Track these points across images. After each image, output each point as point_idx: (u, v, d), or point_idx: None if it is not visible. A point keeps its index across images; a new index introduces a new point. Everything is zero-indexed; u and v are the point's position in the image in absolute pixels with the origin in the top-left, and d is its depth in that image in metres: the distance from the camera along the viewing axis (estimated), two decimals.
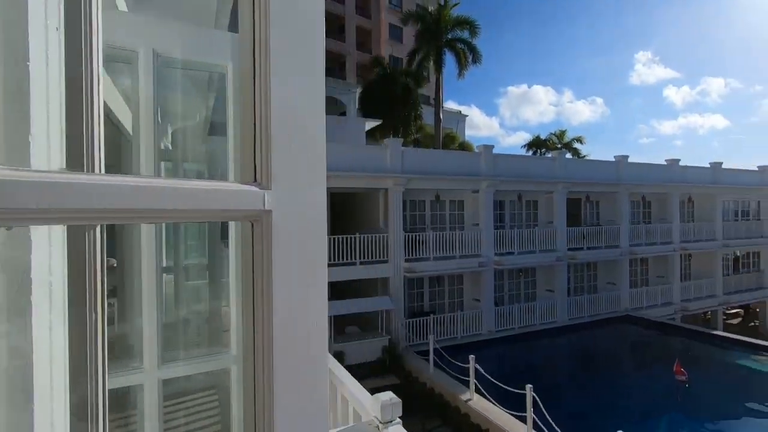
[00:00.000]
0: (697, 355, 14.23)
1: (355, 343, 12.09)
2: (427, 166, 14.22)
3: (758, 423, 9.52)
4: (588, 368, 13.64)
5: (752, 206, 22.63)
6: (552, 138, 30.92)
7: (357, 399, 1.34)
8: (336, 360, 1.69)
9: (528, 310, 15.64)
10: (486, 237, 14.79)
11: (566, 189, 16.55)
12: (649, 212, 20.39)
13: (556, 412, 9.58)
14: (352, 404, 1.36)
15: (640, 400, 10.90)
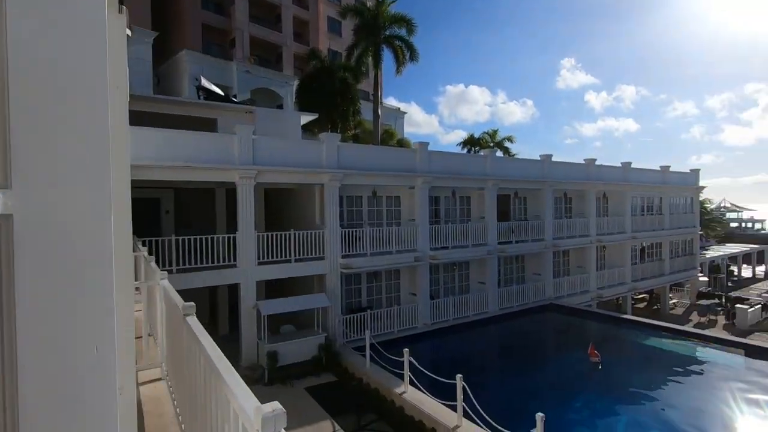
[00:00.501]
0: (609, 338, 15.65)
1: (290, 343, 11.80)
2: (364, 161, 14.20)
3: (660, 395, 10.65)
4: (516, 354, 14.46)
5: (655, 202, 25.27)
6: (485, 137, 32.29)
7: (245, 412, 1.23)
8: (231, 368, 1.56)
9: (462, 302, 16.23)
10: (422, 232, 15.10)
11: (497, 186, 17.36)
12: (571, 207, 22.02)
13: (486, 398, 10.04)
14: (241, 419, 1.25)
15: (561, 382, 11.75)
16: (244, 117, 15.49)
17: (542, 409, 6.83)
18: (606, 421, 9.34)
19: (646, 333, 15.42)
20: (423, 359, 12.77)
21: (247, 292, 12.01)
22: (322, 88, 21.89)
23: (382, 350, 11.01)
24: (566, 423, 8.95)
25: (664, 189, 25.28)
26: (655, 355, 13.93)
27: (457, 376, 7.93)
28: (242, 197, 11.97)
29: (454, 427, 7.91)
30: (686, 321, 22.95)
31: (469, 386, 7.97)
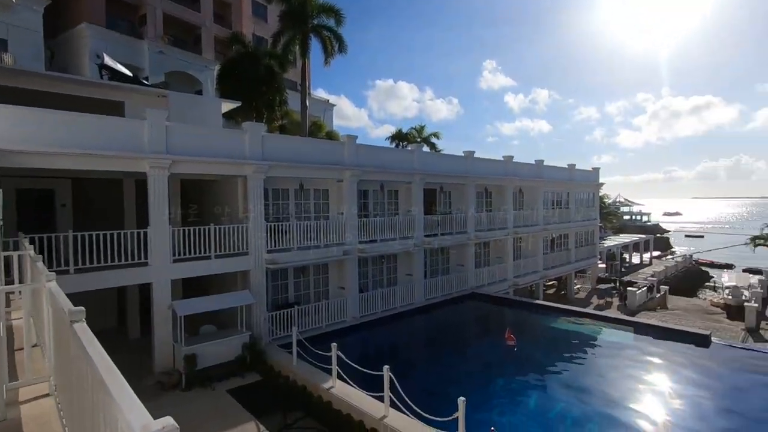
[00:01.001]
0: (524, 322, 16.91)
1: (211, 344, 11.12)
2: (290, 153, 13.76)
3: (567, 370, 11.73)
4: (441, 343, 15.04)
5: (563, 197, 27.74)
6: (413, 132, 33.02)
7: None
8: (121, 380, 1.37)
9: (390, 294, 16.51)
10: (350, 226, 15.04)
11: (423, 180, 17.85)
12: (491, 201, 23.35)
13: (413, 386, 10.30)
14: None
15: (482, 366, 12.47)
16: (157, 101, 14.21)
17: (465, 392, 7.15)
18: (521, 398, 10.08)
19: (555, 316, 16.90)
20: (352, 353, 12.76)
21: (161, 291, 11.09)
22: (245, 74, 20.79)
23: (309, 346, 10.81)
24: (487, 404, 9.50)
25: (570, 185, 27.82)
26: (562, 335, 15.32)
27: (384, 368, 8.03)
28: (154, 189, 10.98)
29: (381, 417, 8.01)
30: (588, 304, 25.60)
31: (396, 376, 8.12)
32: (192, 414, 9.21)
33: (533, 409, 9.53)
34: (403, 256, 17.98)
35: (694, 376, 11.29)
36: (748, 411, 9.39)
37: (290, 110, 25.66)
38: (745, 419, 9.01)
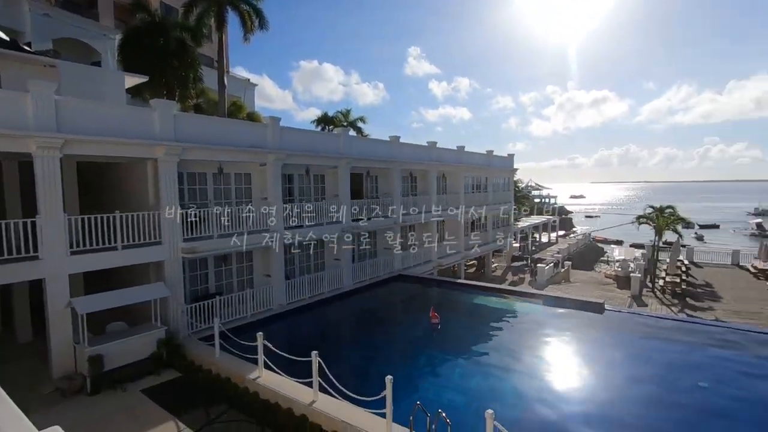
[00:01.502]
0: (447, 301, 17.80)
1: (120, 342, 10.18)
2: (207, 134, 12.84)
3: (486, 343, 12.61)
4: (369, 325, 15.32)
5: (482, 181, 29.38)
6: (339, 116, 32.61)
7: None
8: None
9: (318, 280, 16.37)
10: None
11: (350, 164, 17.76)
12: (416, 186, 23.99)
13: (343, 370, 10.36)
14: None
15: (408, 345, 12.93)
16: (43, 72, 12.40)
17: (393, 371, 7.37)
18: (445, 372, 10.65)
19: (475, 293, 18.01)
20: (280, 341, 12.48)
21: (57, 288, 9.86)
22: (154, 46, 18.84)
23: (233, 337, 10.38)
24: (413, 380, 9.90)
25: (489, 170, 29.52)
26: (481, 311, 16.39)
27: (313, 353, 7.98)
28: (43, 172, 9.63)
29: (310, 403, 7.98)
30: (504, 280, 27.66)
31: (327, 361, 8.11)
32: (97, 418, 8.43)
33: (456, 381, 10.13)
34: (330, 240, 17.84)
35: (591, 338, 12.79)
36: (632, 360, 10.89)
37: (206, 88, 23.89)
38: (629, 367, 10.44)
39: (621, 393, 9.34)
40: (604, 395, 9.25)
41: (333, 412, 7.60)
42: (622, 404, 8.84)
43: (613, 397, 9.15)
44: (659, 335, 13.09)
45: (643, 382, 9.85)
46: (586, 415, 8.41)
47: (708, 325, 14.70)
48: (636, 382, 9.87)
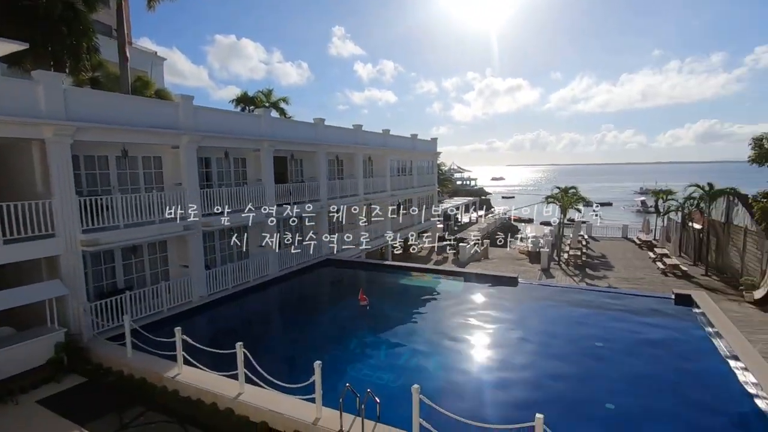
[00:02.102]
0: (375, 282, 18.11)
1: (6, 350, 8.94)
2: (107, 113, 11.47)
3: (413, 321, 13.08)
4: (297, 311, 15.09)
5: (407, 165, 30.02)
6: (260, 96, 30.97)
7: None
8: None
9: (241, 269, 15.70)
10: (191, 197, 13.57)
11: (272, 147, 17.07)
12: (342, 169, 23.82)
13: (272, 359, 10.17)
14: None
15: (338, 328, 12.98)
16: None
17: (322, 356, 7.37)
18: (374, 352, 10.89)
19: (402, 274, 18.54)
20: (202, 334, 11.91)
21: None
22: (36, 9, 16.24)
23: (147, 334, 9.62)
24: (343, 363, 9.98)
25: (414, 154, 30.20)
26: (408, 290, 16.94)
27: (237, 345, 7.68)
28: None
29: (236, 396, 7.71)
30: (429, 260, 28.77)
31: (254, 351, 7.86)
32: None
33: (385, 359, 10.41)
34: (254, 227, 17.16)
35: (506, 309, 13.86)
36: (542, 326, 12.03)
37: (105, 61, 21.26)
38: (540, 333, 11.52)
39: (534, 357, 10.28)
40: (519, 360, 10.11)
41: (260, 403, 7.42)
42: (534, 367, 9.73)
43: (527, 361, 10.04)
44: (564, 303, 14.57)
45: (551, 346, 10.93)
46: (504, 380, 9.14)
47: (603, 291, 16.67)
48: (545, 346, 10.92)
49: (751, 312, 18.24)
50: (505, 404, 8.17)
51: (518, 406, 7.94)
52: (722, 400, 8.16)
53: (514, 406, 7.96)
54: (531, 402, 8.04)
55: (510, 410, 7.84)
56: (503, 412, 7.80)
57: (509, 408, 7.97)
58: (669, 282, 22.36)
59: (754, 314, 17.93)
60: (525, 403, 8.03)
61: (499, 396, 8.52)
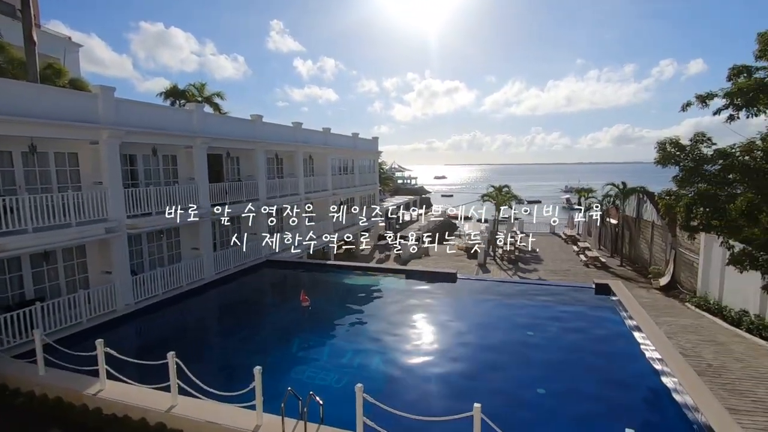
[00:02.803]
0: (318, 282, 17.88)
1: None
2: (7, 102, 10.21)
3: (356, 320, 13.08)
4: (236, 315, 14.48)
5: (349, 164, 29.95)
6: (192, 89, 29.21)
7: None
8: None
9: (173, 273, 14.75)
10: (113, 197, 12.51)
11: (206, 144, 16.21)
12: (282, 168, 23.20)
13: (209, 367, 9.69)
14: None
15: (279, 331, 12.64)
16: None
17: (263, 360, 7.15)
18: (317, 353, 10.74)
19: (345, 273, 18.47)
20: (129, 346, 11.06)
21: None
22: None
23: (63, 349, 8.72)
24: (285, 366, 9.74)
25: (355, 153, 30.18)
26: (351, 289, 16.91)
27: (169, 354, 7.20)
28: None
29: (168, 409, 7.23)
30: (371, 258, 28.96)
31: (189, 360, 7.40)
32: None
33: (327, 360, 10.31)
34: (187, 229, 16.21)
35: (446, 304, 14.32)
36: (479, 319, 12.59)
37: (7, 44, 18.92)
38: (478, 325, 12.05)
39: (472, 349, 10.72)
40: (458, 352, 10.49)
41: (196, 415, 7.03)
42: (473, 358, 10.16)
43: (465, 353, 10.44)
44: (499, 296, 15.35)
45: (487, 337, 11.48)
46: (446, 372, 9.43)
47: (534, 284, 17.79)
48: (482, 338, 11.44)
49: (658, 297, 20.44)
50: (446, 396, 8.44)
51: (459, 396, 8.25)
52: (634, 376, 9.07)
53: (455, 397, 8.26)
54: (470, 392, 8.38)
55: (451, 401, 8.12)
56: (445, 403, 8.06)
57: (451, 399, 8.25)
58: (590, 273, 24.40)
59: (660, 299, 20.10)
60: (465, 393, 8.36)
61: (440, 388, 8.78)
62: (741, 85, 11.73)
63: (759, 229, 10.94)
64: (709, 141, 12.50)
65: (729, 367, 11.98)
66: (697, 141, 12.58)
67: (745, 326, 15.06)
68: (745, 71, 12.42)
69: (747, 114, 11.90)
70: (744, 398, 10.19)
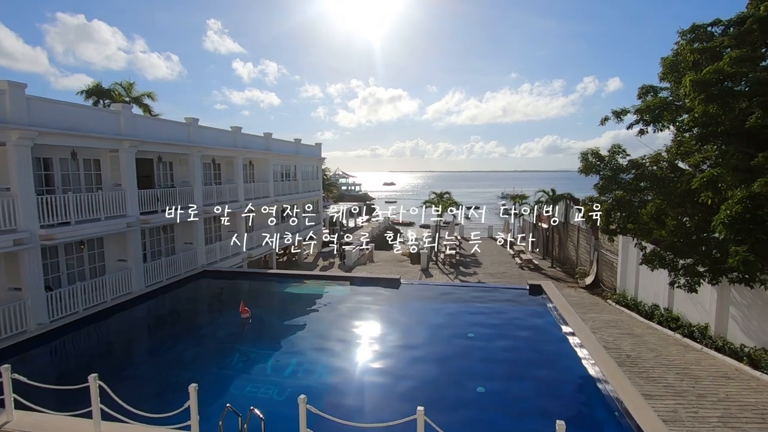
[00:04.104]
0: (259, 293, 17.28)
1: None
2: None
3: (300, 330, 12.78)
4: (169, 330, 13.58)
5: (291, 170, 29.40)
6: (118, 88, 27.20)
7: None
8: None
9: (96, 287, 13.56)
10: (24, 205, 11.28)
11: (135, 148, 15.14)
12: (220, 174, 22.25)
13: (140, 387, 8.99)
14: None
15: (217, 345, 12.03)
16: None
17: (200, 376, 6.76)
18: (259, 366, 10.34)
19: (287, 282, 18.02)
20: (44, 370, 10.02)
21: None
22: None
23: None
24: (225, 382, 9.28)
25: (297, 158, 29.70)
26: (294, 299, 16.53)
27: (90, 377, 6.58)
28: None
29: None
30: (315, 266, 28.54)
31: (114, 382, 6.81)
32: None
33: (269, 373, 9.97)
34: (112, 239, 15.00)
35: (390, 310, 14.46)
36: (423, 323, 12.85)
37: None
38: (421, 330, 12.29)
39: (415, 352, 10.88)
40: (402, 356, 10.60)
41: None
42: (417, 362, 10.31)
43: (409, 357, 10.58)
44: (441, 299, 15.77)
45: (430, 340, 11.73)
46: (390, 377, 9.49)
47: (474, 286, 18.49)
48: (425, 341, 11.68)
49: (584, 295, 22.10)
50: (391, 400, 8.49)
51: (403, 400, 8.34)
52: (564, 370, 9.73)
53: (399, 401, 8.34)
54: (414, 395, 8.51)
55: (396, 405, 8.18)
56: (390, 408, 8.10)
57: (395, 403, 8.32)
58: (525, 274, 25.86)
59: (586, 297, 21.75)
60: (409, 396, 8.47)
61: (385, 394, 8.82)
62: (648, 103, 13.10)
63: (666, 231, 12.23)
64: (624, 152, 13.81)
65: (644, 357, 13.23)
66: (614, 152, 13.85)
67: (656, 319, 16.73)
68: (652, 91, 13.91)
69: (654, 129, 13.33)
70: (656, 384, 11.30)
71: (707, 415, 9.66)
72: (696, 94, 10.50)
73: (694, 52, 11.80)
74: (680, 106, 12.30)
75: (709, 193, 10.19)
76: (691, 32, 13.09)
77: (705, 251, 11.61)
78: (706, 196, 10.29)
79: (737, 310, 13.63)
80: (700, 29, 12.99)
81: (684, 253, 12.10)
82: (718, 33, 12.77)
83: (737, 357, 12.75)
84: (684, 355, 13.49)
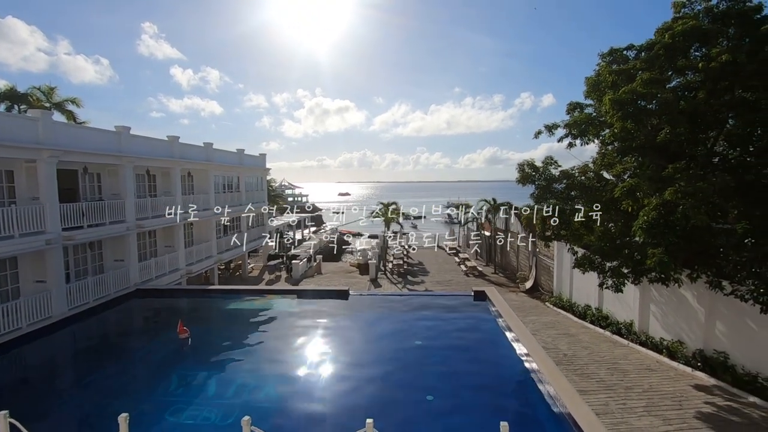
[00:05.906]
0: (199, 311, 16.38)
1: None
2: None
3: (246, 348, 12.22)
4: (98, 357, 12.44)
5: (234, 181, 28.39)
6: (36, 92, 24.88)
7: None
8: None
9: (7, 313, 12.16)
10: None
11: (55, 158, 13.88)
12: (155, 185, 20.98)
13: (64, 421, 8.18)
14: None
15: (152, 369, 11.20)
16: None
17: (132, 404, 6.25)
18: (199, 388, 9.76)
19: (231, 298, 17.25)
20: None
21: None
22: None
23: None
24: (161, 408, 8.63)
25: (241, 169, 28.76)
26: (238, 315, 15.84)
27: (1, 414, 5.85)
28: None
29: None
30: (261, 280, 27.63)
31: (29, 418, 6.08)
32: None
33: (211, 396, 9.43)
34: (28, 258, 13.58)
35: (339, 322, 14.29)
36: (372, 334, 12.81)
37: None
38: (370, 340, 12.25)
39: (364, 364, 10.82)
40: (350, 369, 10.49)
41: None
42: (365, 373, 10.24)
43: (358, 369, 10.49)
44: (390, 309, 15.85)
45: (379, 351, 11.72)
46: (338, 391, 9.34)
47: (421, 295, 18.80)
48: (374, 352, 11.65)
49: (525, 299, 23.22)
50: (339, 415, 8.35)
51: (352, 414, 8.22)
52: (508, 371, 10.14)
53: (348, 415, 8.22)
54: (363, 407, 8.43)
55: (345, 419, 8.05)
56: (338, 423, 7.97)
57: (344, 417, 8.19)
58: (470, 281, 26.72)
59: (526, 301, 22.86)
60: (358, 409, 8.37)
61: (333, 408, 8.66)
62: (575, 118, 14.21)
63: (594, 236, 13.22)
64: (556, 163, 14.81)
65: (579, 355, 14.11)
66: (548, 164, 14.81)
67: (589, 318, 17.95)
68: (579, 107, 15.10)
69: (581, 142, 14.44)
70: (590, 380, 12.08)
71: (634, 406, 10.47)
72: (614, 112, 11.56)
73: (612, 73, 13.01)
74: (603, 122, 13.48)
75: (629, 201, 11.20)
76: (610, 55, 14.43)
77: (628, 254, 12.69)
78: (627, 204, 11.29)
79: (657, 307, 14.99)
80: (617, 52, 14.36)
81: (610, 256, 13.15)
82: (632, 56, 14.19)
83: (658, 350, 13.98)
84: (613, 351, 14.57)
